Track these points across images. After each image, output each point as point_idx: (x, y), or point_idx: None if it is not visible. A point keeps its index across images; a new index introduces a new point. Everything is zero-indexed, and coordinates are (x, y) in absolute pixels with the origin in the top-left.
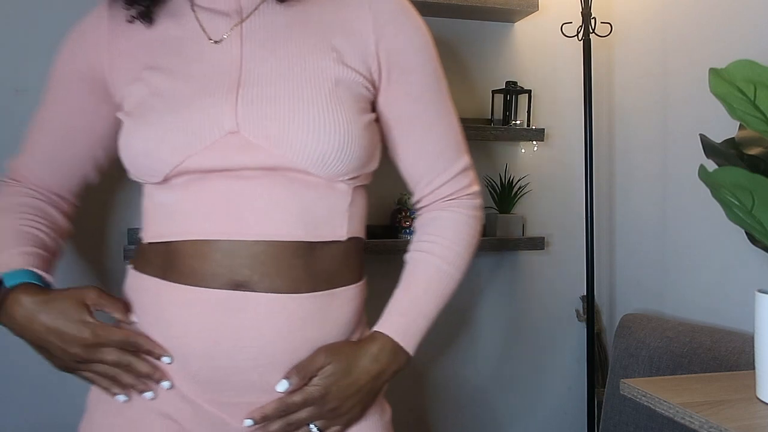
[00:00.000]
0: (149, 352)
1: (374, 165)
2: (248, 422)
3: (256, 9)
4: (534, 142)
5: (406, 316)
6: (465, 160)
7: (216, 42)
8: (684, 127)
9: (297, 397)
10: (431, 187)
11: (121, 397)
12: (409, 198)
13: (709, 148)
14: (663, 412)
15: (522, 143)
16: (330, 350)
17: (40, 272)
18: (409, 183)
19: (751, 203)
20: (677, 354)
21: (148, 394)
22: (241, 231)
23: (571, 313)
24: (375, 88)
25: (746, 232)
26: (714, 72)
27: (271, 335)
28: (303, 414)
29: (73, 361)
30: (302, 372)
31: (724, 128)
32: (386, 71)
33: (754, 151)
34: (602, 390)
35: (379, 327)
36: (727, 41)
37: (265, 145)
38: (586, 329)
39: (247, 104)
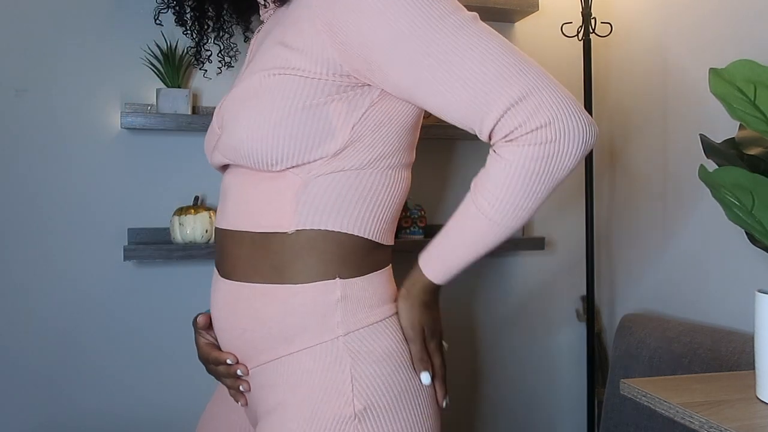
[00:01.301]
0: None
1: (322, 151)
2: (425, 379)
3: (268, 20)
4: None
5: (448, 264)
6: (506, 97)
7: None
8: (684, 127)
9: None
10: (483, 137)
11: (241, 402)
12: (409, 198)
13: (709, 148)
14: (663, 412)
15: None
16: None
17: None
18: None
19: (751, 203)
20: (677, 354)
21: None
22: (220, 221)
23: (571, 313)
24: (344, 73)
25: (746, 232)
26: (714, 72)
27: (217, 311)
28: (431, 346)
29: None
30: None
31: (724, 128)
32: (359, 61)
33: (754, 151)
34: (602, 390)
35: (422, 264)
36: (727, 41)
37: (219, 144)
38: (586, 329)
39: (220, 110)
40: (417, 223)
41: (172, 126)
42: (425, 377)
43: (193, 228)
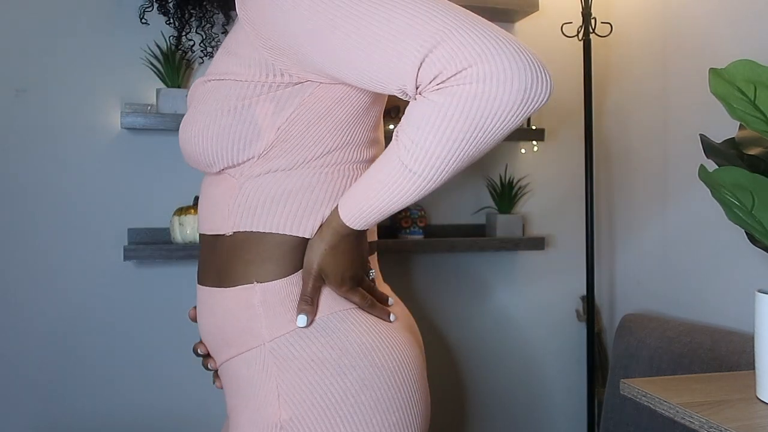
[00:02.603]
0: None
1: (249, 152)
2: (300, 321)
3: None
4: (534, 142)
5: (359, 206)
6: (418, 48)
7: None
8: (684, 127)
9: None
10: (413, 96)
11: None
12: None
13: (709, 148)
14: (663, 412)
15: (522, 143)
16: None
17: None
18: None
19: (751, 203)
20: (677, 354)
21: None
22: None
23: (571, 313)
24: (287, 73)
25: (746, 232)
26: (714, 72)
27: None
28: (342, 290)
29: None
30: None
31: (724, 128)
32: (286, 54)
33: (754, 151)
34: (602, 390)
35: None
36: (727, 41)
37: None
38: (586, 329)
39: None
40: (417, 223)
41: (172, 126)
42: (300, 320)
43: (193, 228)
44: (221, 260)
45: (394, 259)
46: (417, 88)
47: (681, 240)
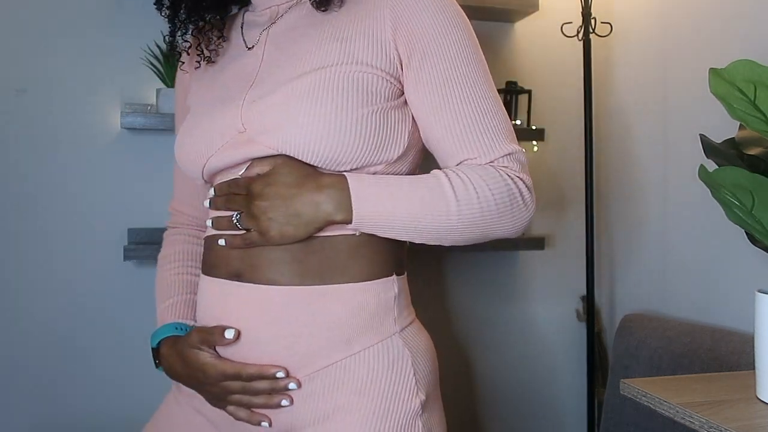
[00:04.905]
0: (252, 377)
1: (387, 156)
2: (211, 192)
3: (284, 14)
4: (534, 142)
5: (379, 197)
6: (510, 147)
7: (249, 48)
8: (684, 127)
9: (241, 180)
10: (479, 162)
11: (265, 424)
12: None
13: (709, 148)
14: (663, 412)
15: (522, 143)
16: (286, 160)
17: (179, 321)
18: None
19: (751, 203)
20: (677, 354)
21: (264, 424)
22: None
23: (571, 313)
24: (398, 77)
25: (746, 232)
26: (714, 72)
27: (252, 324)
28: (239, 198)
29: (215, 398)
30: (257, 168)
31: (724, 128)
32: (406, 58)
33: (754, 151)
34: (602, 390)
35: (351, 178)
36: (727, 41)
37: (262, 140)
38: (586, 329)
39: (249, 103)
40: None
41: (172, 126)
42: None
43: None
44: (342, 257)
45: None
46: (491, 161)
47: (681, 240)
